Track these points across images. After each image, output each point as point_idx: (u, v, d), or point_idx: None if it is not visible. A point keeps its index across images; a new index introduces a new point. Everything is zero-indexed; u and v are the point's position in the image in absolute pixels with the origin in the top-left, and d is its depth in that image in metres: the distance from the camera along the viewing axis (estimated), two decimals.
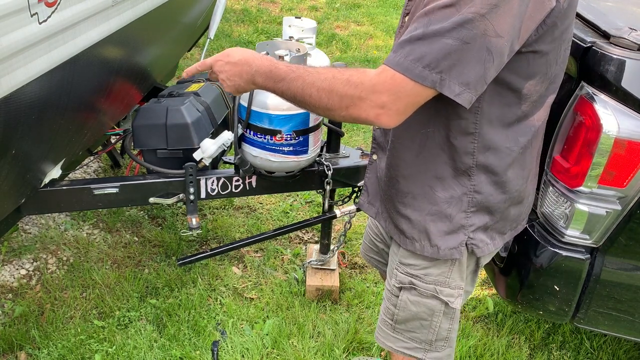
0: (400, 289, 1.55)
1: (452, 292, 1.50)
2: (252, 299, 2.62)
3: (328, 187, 2.34)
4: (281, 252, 2.92)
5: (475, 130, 1.31)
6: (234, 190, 2.34)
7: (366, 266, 2.87)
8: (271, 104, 2.02)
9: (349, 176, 2.39)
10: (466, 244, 1.44)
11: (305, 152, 2.15)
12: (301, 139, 2.10)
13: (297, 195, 3.36)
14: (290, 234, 3.02)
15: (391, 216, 1.53)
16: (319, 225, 2.66)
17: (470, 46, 1.12)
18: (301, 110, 2.04)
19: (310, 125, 2.10)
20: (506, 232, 1.51)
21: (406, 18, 1.40)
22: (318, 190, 2.43)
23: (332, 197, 2.48)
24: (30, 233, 2.91)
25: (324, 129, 2.29)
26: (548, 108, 1.39)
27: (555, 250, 1.76)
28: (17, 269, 2.68)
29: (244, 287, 2.69)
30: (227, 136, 2.26)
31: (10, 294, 2.55)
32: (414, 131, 1.37)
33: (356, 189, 2.47)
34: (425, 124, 1.35)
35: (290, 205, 3.27)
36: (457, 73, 1.14)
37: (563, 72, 1.37)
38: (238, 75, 1.41)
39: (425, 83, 1.15)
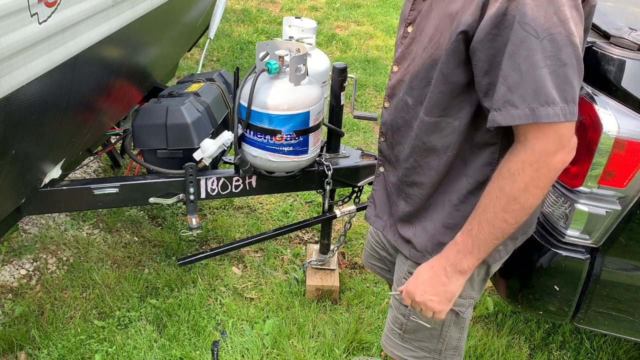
0: None
1: (463, 302, 1.48)
2: (252, 299, 2.62)
3: (328, 187, 2.34)
4: (281, 252, 2.92)
5: (497, 141, 1.29)
6: (234, 190, 2.34)
7: None
8: (271, 104, 2.02)
9: (349, 176, 2.39)
10: None
11: (305, 152, 2.14)
12: (301, 139, 2.09)
13: (297, 195, 3.36)
14: (290, 234, 3.02)
15: (400, 230, 1.50)
16: (319, 225, 2.66)
17: (569, 66, 1.11)
18: (301, 110, 2.04)
19: (310, 125, 2.09)
20: (518, 237, 1.50)
21: (409, 28, 1.35)
22: (318, 190, 2.43)
23: (332, 197, 2.48)
24: (30, 233, 2.91)
25: (324, 129, 2.29)
26: None
27: (555, 250, 1.76)
28: (17, 269, 2.68)
29: (244, 287, 2.69)
30: (227, 136, 2.26)
31: (10, 294, 2.55)
32: (441, 152, 1.34)
33: (356, 189, 2.47)
34: (453, 142, 1.32)
35: (290, 205, 3.27)
36: (573, 95, 1.12)
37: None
38: (437, 285, 1.32)
39: (556, 119, 1.11)
